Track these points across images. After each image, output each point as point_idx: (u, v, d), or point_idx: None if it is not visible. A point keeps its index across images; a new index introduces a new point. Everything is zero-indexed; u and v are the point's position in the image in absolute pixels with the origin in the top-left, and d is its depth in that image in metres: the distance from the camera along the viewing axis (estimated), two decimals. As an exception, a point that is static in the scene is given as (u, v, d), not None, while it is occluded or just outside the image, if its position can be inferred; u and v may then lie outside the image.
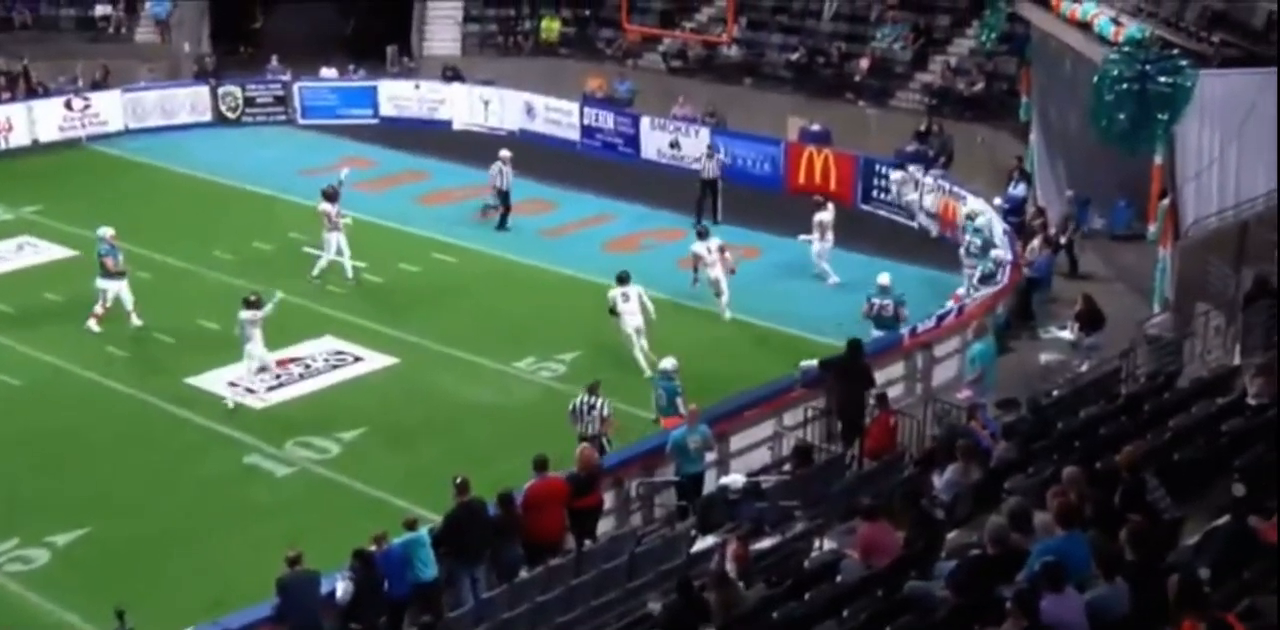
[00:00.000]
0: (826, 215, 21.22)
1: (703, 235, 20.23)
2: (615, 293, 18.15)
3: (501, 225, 23.59)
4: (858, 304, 18.24)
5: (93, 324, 19.36)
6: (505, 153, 23.95)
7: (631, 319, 18.08)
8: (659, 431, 15.18)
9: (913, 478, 12.61)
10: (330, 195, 21.34)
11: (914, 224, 23.64)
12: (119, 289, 19.43)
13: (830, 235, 21.19)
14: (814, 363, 15.88)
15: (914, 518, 10.84)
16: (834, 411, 15.56)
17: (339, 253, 21.23)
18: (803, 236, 21.46)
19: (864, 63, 28.63)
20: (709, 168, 24.11)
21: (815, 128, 26.87)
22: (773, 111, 28.38)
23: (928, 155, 24.57)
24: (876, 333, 17.73)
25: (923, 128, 25.57)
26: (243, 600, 12.14)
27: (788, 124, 27.85)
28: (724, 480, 13.58)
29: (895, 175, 23.85)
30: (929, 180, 23.49)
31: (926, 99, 27.42)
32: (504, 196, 23.63)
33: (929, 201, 23.37)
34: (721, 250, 19.86)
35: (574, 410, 15.23)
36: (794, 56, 29.61)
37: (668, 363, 15.70)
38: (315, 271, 21.17)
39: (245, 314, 17.42)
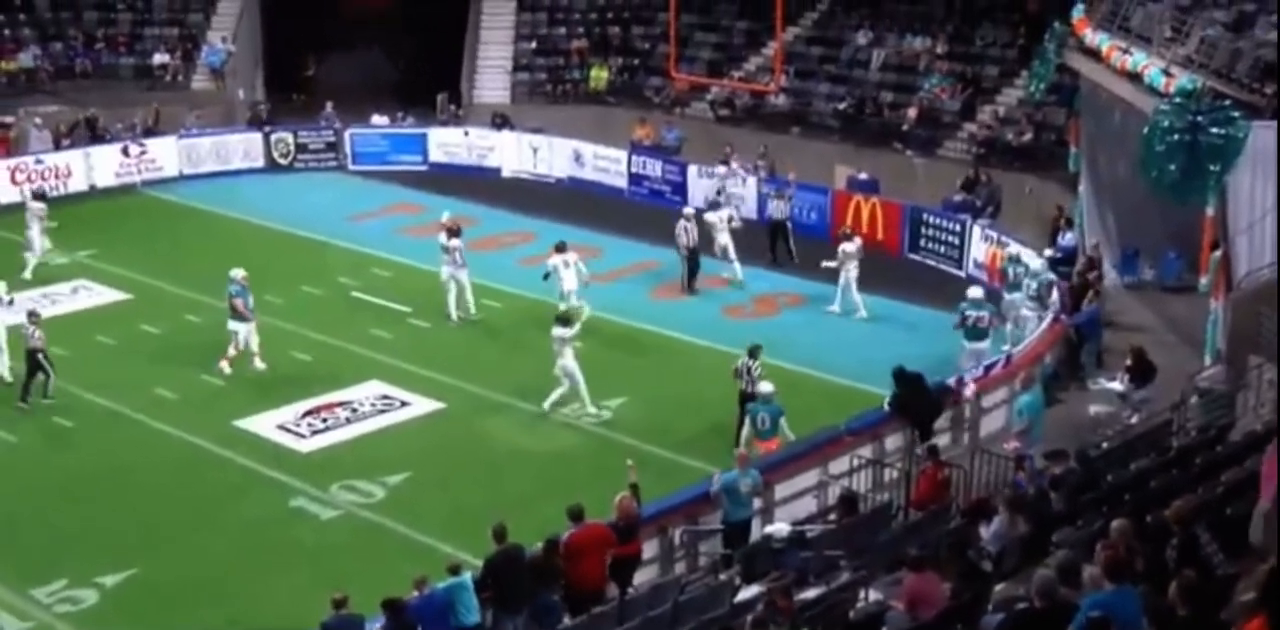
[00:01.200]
0: (851, 246, 21.41)
1: (715, 206, 23.47)
2: (556, 260, 20.56)
3: (690, 287, 22.80)
4: (896, 349, 18.32)
5: (224, 366, 19.55)
6: (689, 210, 23.36)
7: (568, 283, 20.49)
8: (759, 457, 15.30)
9: (959, 529, 12.49)
10: (454, 231, 21.62)
11: (962, 273, 23.57)
12: (248, 331, 19.61)
13: (854, 268, 21.31)
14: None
15: (960, 569, 10.73)
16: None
17: (459, 289, 21.46)
18: (826, 263, 21.66)
19: (912, 112, 28.70)
20: (779, 208, 24.18)
21: (863, 176, 26.93)
22: (820, 160, 28.46)
23: (975, 205, 24.54)
24: (969, 344, 18.58)
25: (970, 176, 25.57)
26: (287, 643, 12.16)
27: (835, 172, 27.92)
28: (768, 529, 13.49)
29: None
30: (977, 229, 23.46)
31: (974, 149, 27.43)
32: (692, 255, 22.77)
33: (977, 251, 23.31)
34: (730, 220, 22.91)
35: (736, 370, 16.97)
36: (842, 105, 29.73)
37: (767, 386, 16.18)
38: (450, 312, 21.46)
39: (558, 331, 17.85)
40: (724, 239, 23.01)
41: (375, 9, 36.18)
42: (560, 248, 21.08)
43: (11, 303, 19.44)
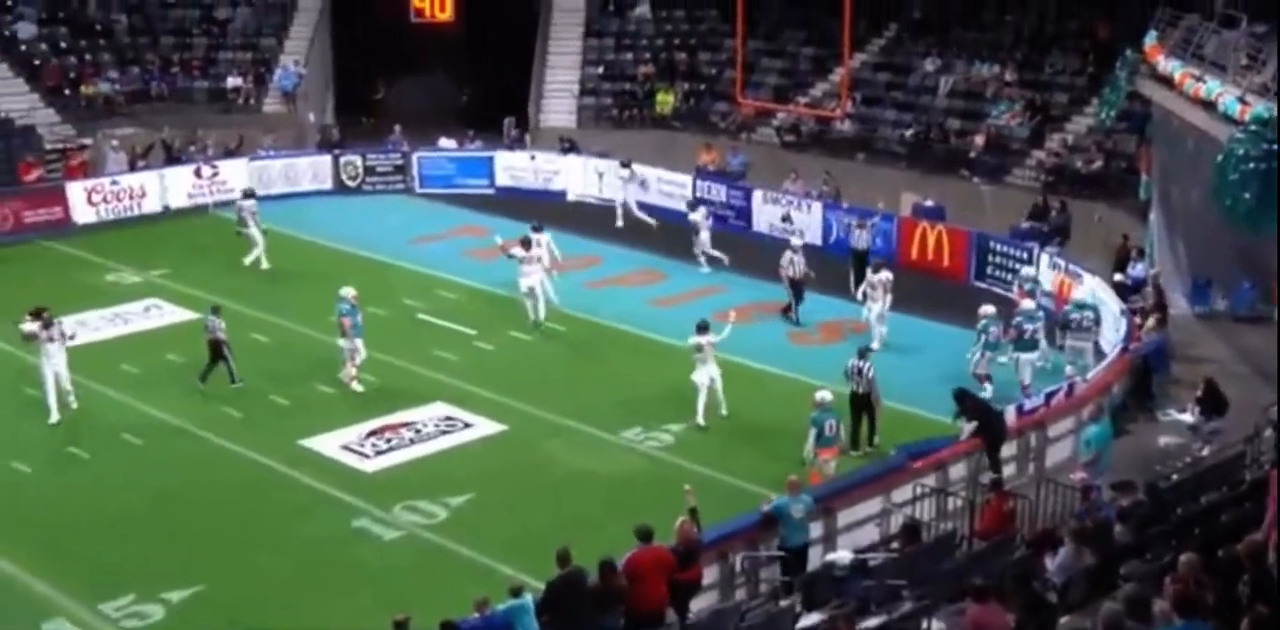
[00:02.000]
0: (878, 277, 21.28)
1: (696, 205, 25.80)
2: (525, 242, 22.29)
3: (792, 315, 22.68)
4: (964, 379, 18.13)
5: (355, 385, 19.81)
6: (796, 241, 23.40)
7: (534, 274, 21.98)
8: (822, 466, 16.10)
9: (1025, 559, 12.33)
10: (526, 242, 22.52)
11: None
12: (356, 349, 19.86)
13: (886, 297, 21.21)
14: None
15: (1025, 600, 10.58)
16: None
17: (529, 294, 22.18)
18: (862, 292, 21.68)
19: (979, 139, 28.55)
20: (861, 238, 24.04)
21: (929, 203, 26.79)
22: (886, 186, 28.36)
23: (1044, 232, 24.32)
24: (1022, 355, 19.09)
25: (1039, 203, 25.36)
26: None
27: (901, 199, 27.80)
28: (830, 556, 13.40)
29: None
30: (1045, 257, 23.26)
31: (1043, 176, 27.22)
32: (796, 286, 22.61)
33: (1045, 279, 23.10)
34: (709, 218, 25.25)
35: (847, 371, 17.67)
36: (908, 132, 29.63)
37: (827, 394, 16.74)
38: (538, 317, 22.24)
39: (696, 339, 18.56)
40: (705, 237, 25.00)
41: (444, 34, 36.55)
42: (537, 229, 23.21)
43: (73, 337, 19.64)
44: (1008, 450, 16.56)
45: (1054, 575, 11.65)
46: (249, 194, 26.72)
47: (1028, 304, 19.83)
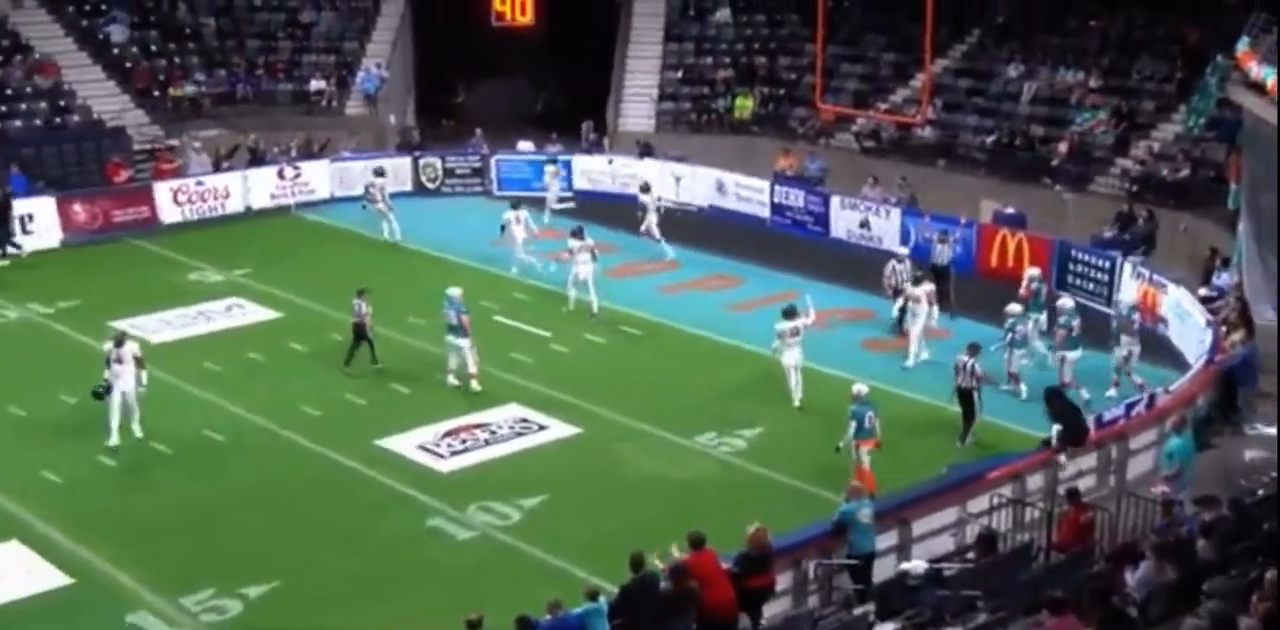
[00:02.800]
0: (919, 290, 21.01)
1: (647, 189, 26.73)
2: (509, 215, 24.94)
3: (899, 329, 21.90)
4: (1034, 391, 18.12)
5: (475, 385, 19.99)
6: (902, 250, 23.37)
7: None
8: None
9: (1104, 573, 12.14)
10: (576, 232, 23.42)
11: (1110, 312, 23.00)
12: (466, 347, 20.06)
13: (932, 309, 21.02)
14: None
15: (1104, 615, 10.41)
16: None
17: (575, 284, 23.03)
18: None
19: (1063, 146, 28.19)
20: (942, 253, 23.46)
21: (1009, 211, 26.51)
22: (966, 193, 28.11)
23: (1127, 241, 23.95)
24: (1069, 354, 19.23)
25: (1124, 211, 24.99)
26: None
27: (981, 206, 27.53)
28: (904, 565, 13.29)
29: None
30: (1128, 266, 22.92)
31: (1128, 184, 26.82)
32: (897, 295, 22.02)
33: (1128, 289, 22.76)
34: (659, 200, 26.54)
35: (956, 367, 17.79)
36: (989, 139, 29.34)
37: (863, 388, 17.01)
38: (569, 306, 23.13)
39: (785, 324, 19.05)
40: (652, 219, 26.14)
41: (524, 38, 36.78)
42: (515, 205, 25.59)
43: (140, 359, 18.47)
44: (1087, 462, 16.34)
45: (1134, 590, 11.47)
46: (379, 172, 28.47)
47: (1067, 302, 19.96)
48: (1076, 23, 31.57)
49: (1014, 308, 19.89)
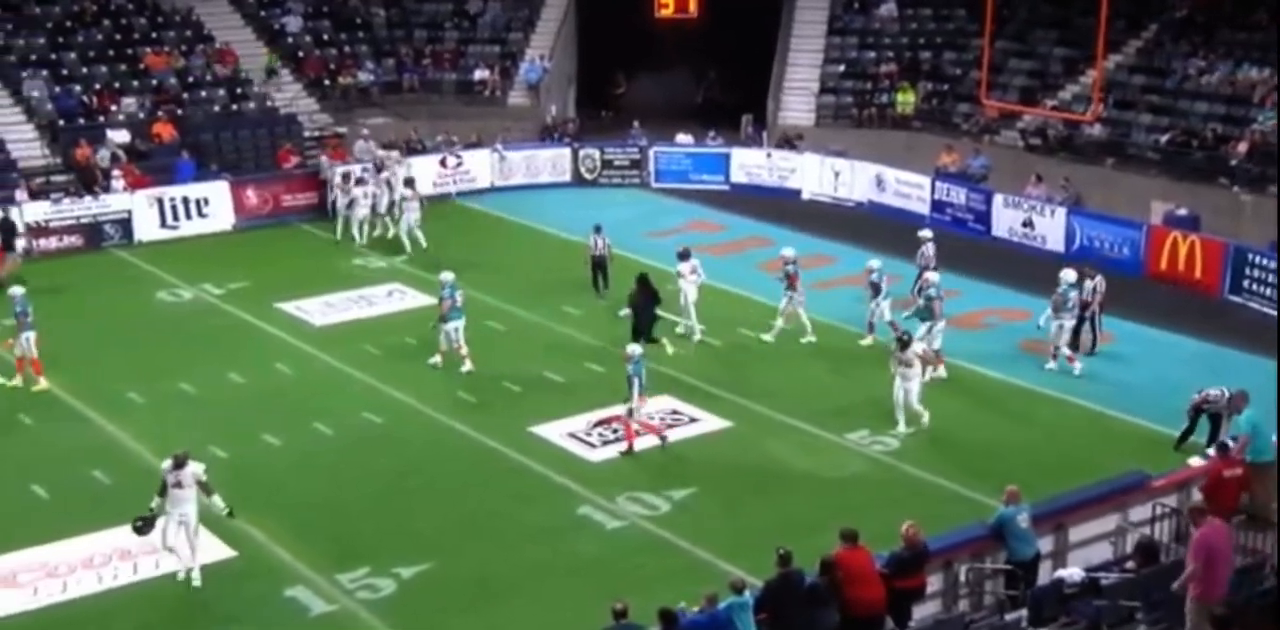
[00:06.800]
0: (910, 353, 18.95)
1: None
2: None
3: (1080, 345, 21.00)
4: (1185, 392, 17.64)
5: (469, 364, 20.46)
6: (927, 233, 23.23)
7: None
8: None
9: (1274, 589, 11.68)
10: (682, 254, 22.35)
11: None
12: (454, 328, 20.48)
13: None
14: None
15: (1274, 633, 10.04)
16: None
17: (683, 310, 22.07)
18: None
19: (1242, 146, 27.17)
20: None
21: (1182, 212, 25.67)
22: (1135, 194, 27.30)
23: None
24: (1061, 320, 19.93)
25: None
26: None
27: (1151, 207, 26.70)
28: (1060, 573, 12.97)
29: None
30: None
31: (1311, 187, 25.76)
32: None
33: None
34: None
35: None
36: (1163, 138, 28.42)
37: (635, 348, 18.10)
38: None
39: (682, 265, 20.63)
40: (412, 217, 26.43)
41: (686, 30, 36.81)
42: (684, 255, 22.18)
43: (206, 485, 14.73)
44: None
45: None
46: (409, 183, 27.56)
47: (1068, 274, 20.30)
48: (1267, 17, 30.29)
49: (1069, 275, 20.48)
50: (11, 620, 14.04)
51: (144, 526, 14.48)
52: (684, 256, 22.17)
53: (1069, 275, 20.39)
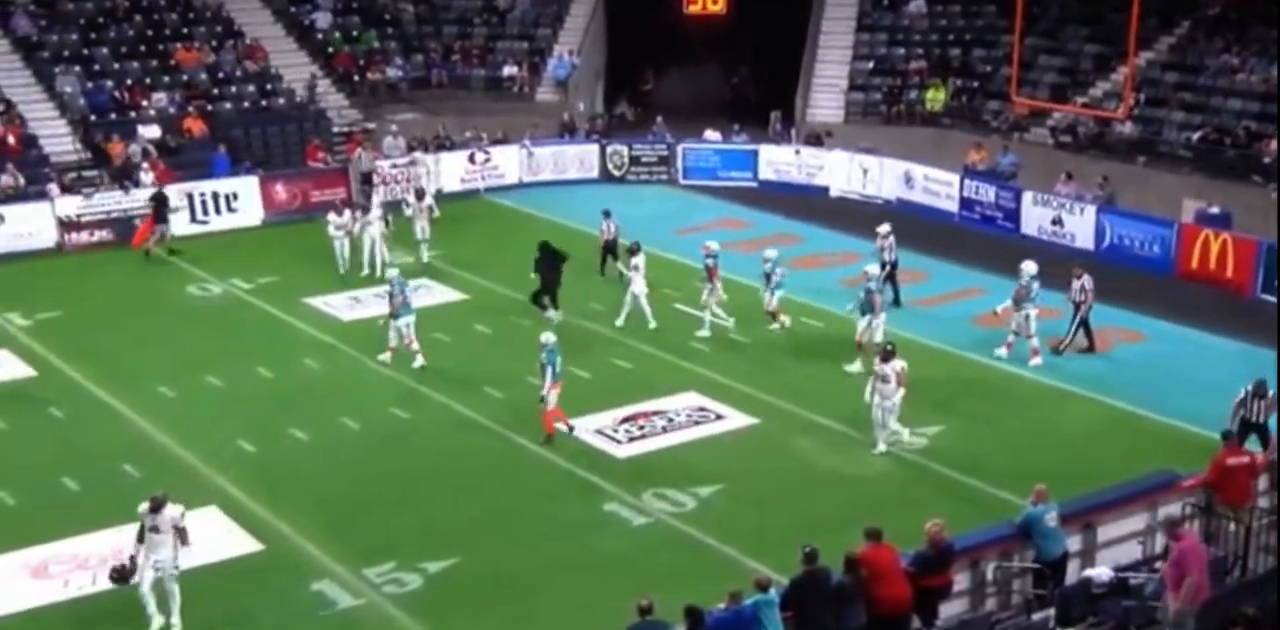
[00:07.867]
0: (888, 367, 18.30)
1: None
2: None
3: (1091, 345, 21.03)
4: (1222, 393, 17.32)
5: (420, 359, 20.57)
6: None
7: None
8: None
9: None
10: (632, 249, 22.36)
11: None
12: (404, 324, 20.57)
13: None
14: None
15: (1304, 635, 9.96)
16: None
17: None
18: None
19: (1274, 144, 26.94)
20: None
21: (1213, 210, 25.49)
22: (1166, 192, 27.12)
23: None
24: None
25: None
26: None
27: (1182, 205, 26.53)
28: (1089, 572, 12.91)
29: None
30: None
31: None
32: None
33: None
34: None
35: (1240, 400, 16.60)
36: (1195, 135, 28.21)
37: (549, 336, 18.20)
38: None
39: (636, 259, 21.01)
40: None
41: (714, 27, 36.78)
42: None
43: (183, 530, 13.56)
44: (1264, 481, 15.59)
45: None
46: (420, 194, 26.86)
47: (1029, 266, 20.51)
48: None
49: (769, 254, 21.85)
50: (42, 611, 14.16)
51: (119, 578, 13.49)
52: (634, 251, 22.25)
53: (1030, 267, 20.52)
